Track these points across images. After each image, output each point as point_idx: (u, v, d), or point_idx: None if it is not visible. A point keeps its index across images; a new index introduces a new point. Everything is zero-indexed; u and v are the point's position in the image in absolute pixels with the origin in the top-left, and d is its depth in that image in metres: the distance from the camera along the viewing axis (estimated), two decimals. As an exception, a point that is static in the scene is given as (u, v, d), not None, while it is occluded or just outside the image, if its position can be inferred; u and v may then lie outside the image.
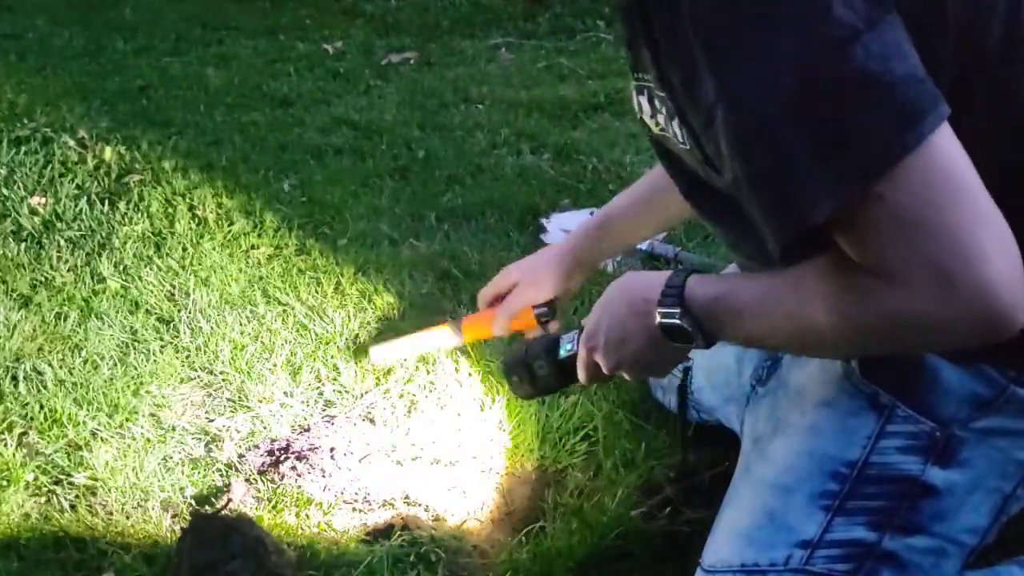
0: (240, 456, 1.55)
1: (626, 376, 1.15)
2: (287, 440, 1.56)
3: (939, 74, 0.84)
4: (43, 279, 2.06)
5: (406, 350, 1.68)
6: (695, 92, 0.86)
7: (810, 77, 0.80)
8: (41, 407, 1.64)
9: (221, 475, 1.52)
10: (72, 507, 1.43)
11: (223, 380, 1.74)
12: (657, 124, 1.04)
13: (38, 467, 1.51)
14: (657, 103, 1.01)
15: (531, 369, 1.28)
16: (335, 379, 1.73)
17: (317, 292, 2.02)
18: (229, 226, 2.31)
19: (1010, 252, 0.81)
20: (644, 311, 1.04)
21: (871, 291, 0.85)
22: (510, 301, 1.50)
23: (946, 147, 0.80)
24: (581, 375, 1.19)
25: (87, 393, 1.68)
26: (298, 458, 1.51)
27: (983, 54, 0.90)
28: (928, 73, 0.82)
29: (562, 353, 1.24)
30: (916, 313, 0.82)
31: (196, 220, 2.34)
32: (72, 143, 2.73)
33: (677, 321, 0.99)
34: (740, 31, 0.82)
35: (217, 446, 1.57)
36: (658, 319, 1.01)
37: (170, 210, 2.39)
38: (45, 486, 1.48)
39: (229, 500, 1.43)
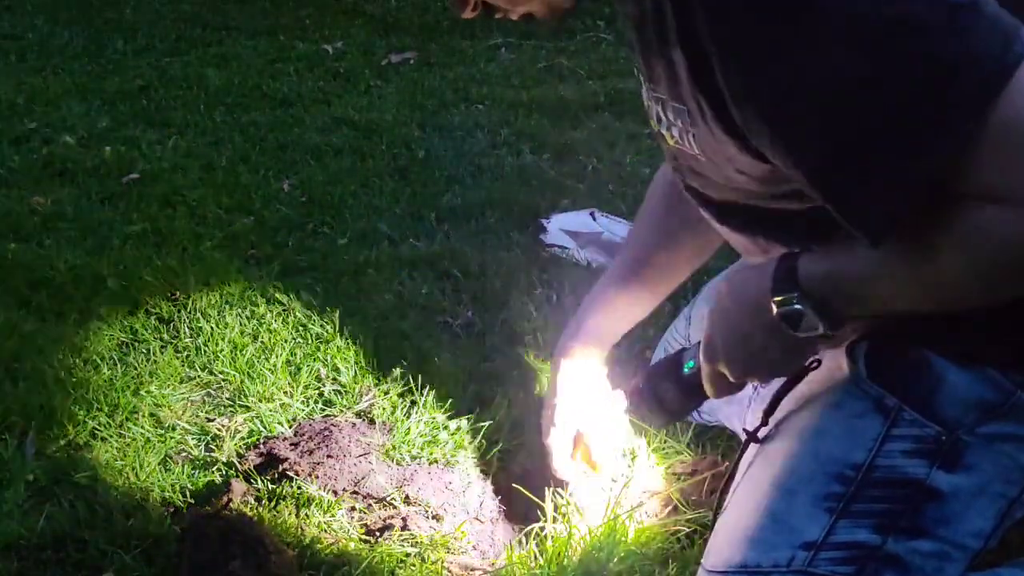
0: (240, 456, 1.55)
1: (756, 382, 1.11)
2: (287, 439, 1.56)
3: None
4: (43, 279, 2.06)
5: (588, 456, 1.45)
6: (751, 80, 0.85)
7: (901, 14, 0.79)
8: (41, 407, 1.63)
9: (221, 475, 1.52)
10: (72, 507, 1.43)
11: (223, 380, 1.74)
12: (672, 137, 1.03)
13: (38, 467, 1.51)
14: (672, 115, 1.00)
15: (658, 396, 1.23)
16: (335, 379, 1.73)
17: (317, 292, 2.02)
18: (229, 226, 2.31)
19: None
20: (759, 307, 0.99)
21: (992, 221, 0.83)
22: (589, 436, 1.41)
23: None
24: (709, 390, 1.14)
25: (87, 393, 1.68)
26: (298, 458, 1.50)
27: None
28: None
29: (685, 372, 1.19)
30: None
31: (196, 220, 2.34)
32: (72, 143, 2.73)
33: (797, 307, 0.96)
34: (805, 9, 0.80)
35: (217, 446, 1.57)
36: (776, 310, 0.97)
37: (170, 210, 2.39)
38: (45, 486, 1.48)
39: (229, 500, 1.43)
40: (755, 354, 1.04)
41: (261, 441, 1.58)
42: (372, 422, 1.62)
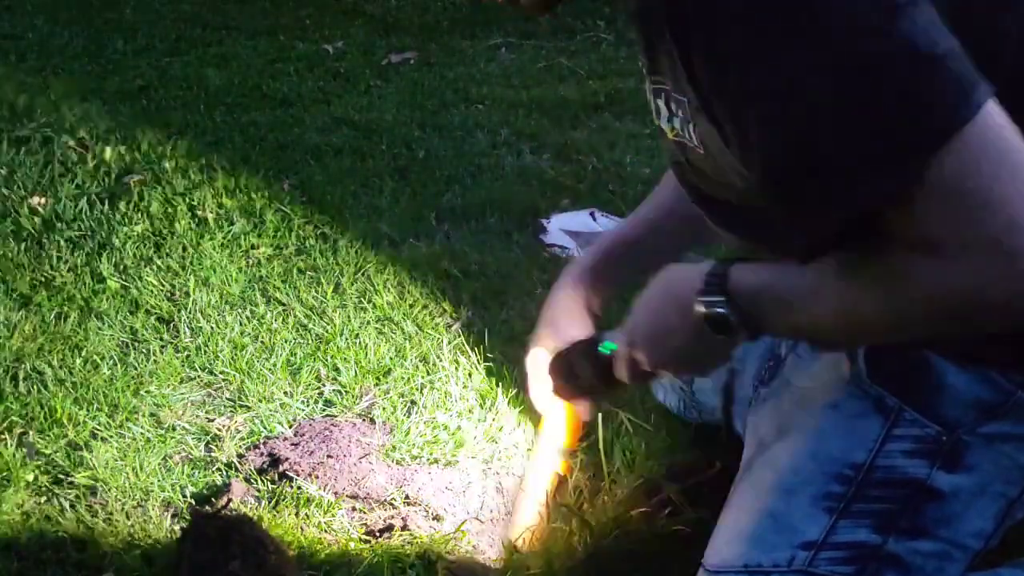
0: (240, 456, 1.55)
1: (670, 374, 1.12)
2: (287, 440, 1.56)
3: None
4: (43, 279, 2.06)
5: (530, 507, 1.43)
6: (729, 83, 0.85)
7: (861, 54, 0.79)
8: (41, 407, 1.64)
9: (221, 475, 1.52)
10: (72, 507, 1.43)
11: (223, 380, 1.74)
12: (673, 129, 1.03)
13: (38, 467, 1.51)
14: (674, 106, 1.00)
15: (574, 370, 1.23)
16: (335, 379, 1.73)
17: (317, 292, 2.02)
18: (229, 226, 2.31)
19: None
20: (686, 303, 1.00)
21: (920, 269, 0.84)
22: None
23: (997, 118, 0.80)
24: (620, 373, 1.15)
25: (87, 393, 1.68)
26: (298, 458, 1.50)
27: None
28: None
29: (602, 351, 1.18)
30: (967, 287, 0.81)
31: (196, 220, 2.34)
32: (72, 143, 2.73)
33: (721, 311, 0.97)
34: (786, 15, 0.80)
35: (217, 446, 1.57)
36: (702, 309, 0.98)
37: (170, 210, 2.39)
38: (45, 486, 1.48)
39: (229, 500, 1.43)
40: (674, 347, 1.06)
41: (261, 441, 1.58)
42: (372, 422, 1.62)
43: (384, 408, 1.65)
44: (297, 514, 1.42)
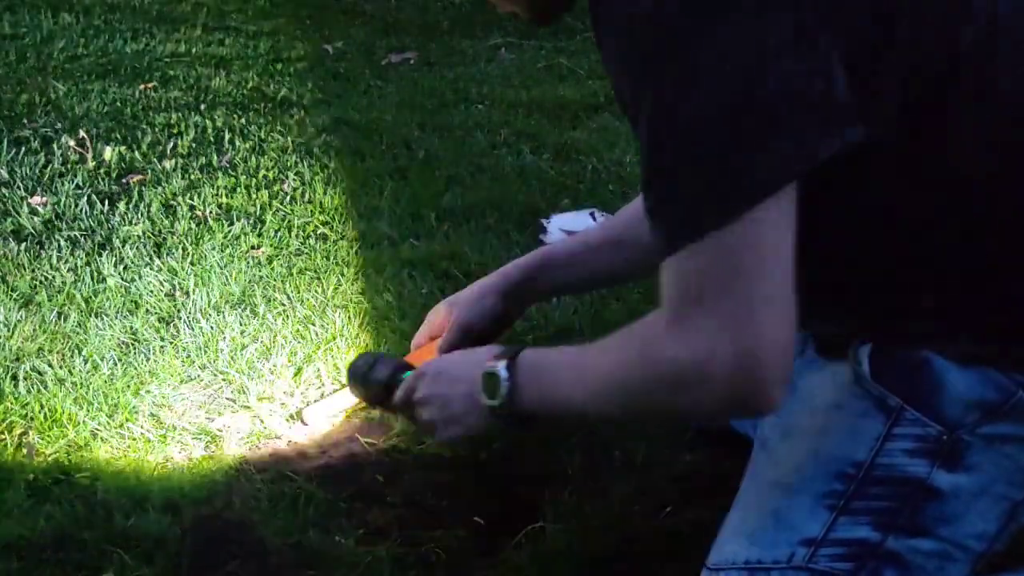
0: (240, 456, 1.55)
1: (423, 416, 1.19)
2: (287, 439, 1.56)
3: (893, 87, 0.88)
4: (43, 279, 2.06)
5: (342, 402, 1.63)
6: (623, 94, 0.92)
7: (739, 97, 0.84)
8: (41, 407, 1.64)
9: (221, 475, 1.52)
10: (72, 507, 1.43)
11: (223, 380, 1.74)
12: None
13: (38, 467, 1.51)
14: None
15: (368, 377, 1.31)
16: (336, 379, 1.73)
17: (317, 292, 2.02)
18: (229, 226, 2.31)
19: (787, 335, 0.89)
20: (481, 360, 1.11)
21: (656, 337, 0.92)
22: (449, 339, 1.47)
23: (771, 217, 0.86)
24: (397, 396, 1.24)
25: (87, 393, 1.68)
26: (298, 458, 1.51)
27: (957, 58, 0.92)
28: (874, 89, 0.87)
29: (399, 378, 1.26)
30: (683, 363, 0.90)
31: (196, 220, 2.34)
32: (72, 143, 2.73)
33: (497, 366, 1.07)
34: (669, 43, 0.85)
35: (217, 446, 1.57)
36: (487, 365, 1.08)
37: (170, 210, 2.39)
38: (45, 486, 1.48)
39: (229, 500, 1.43)
40: (446, 392, 1.16)
41: (261, 441, 1.58)
42: (372, 422, 1.62)
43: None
44: (297, 514, 1.42)
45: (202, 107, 3.19)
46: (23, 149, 2.72)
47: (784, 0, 0.83)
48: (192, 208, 2.40)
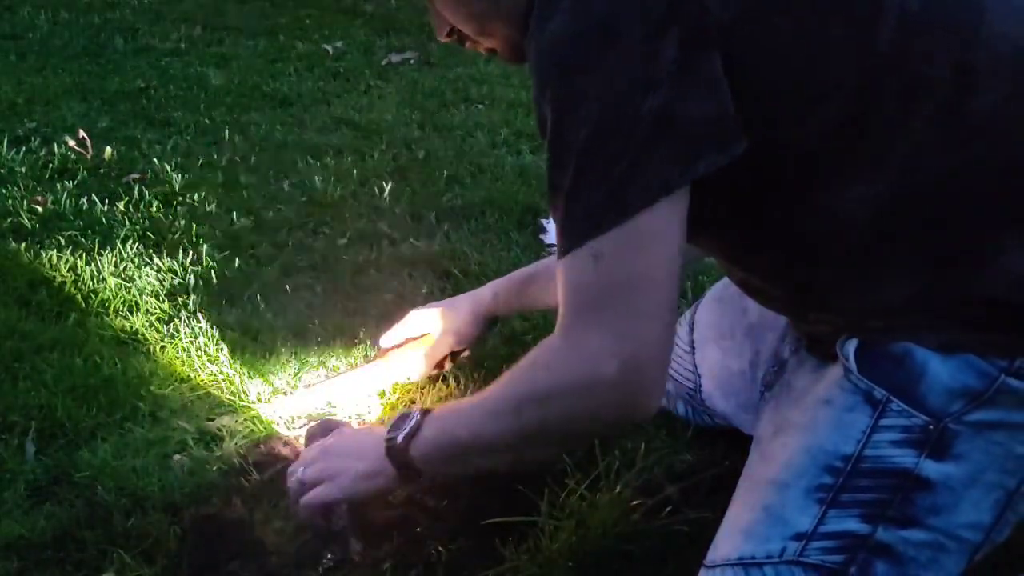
0: (240, 456, 1.55)
1: (307, 473, 1.27)
2: (287, 439, 1.56)
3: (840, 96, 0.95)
4: (43, 279, 2.06)
5: (322, 397, 1.66)
6: (541, 114, 1.01)
7: (597, 121, 0.93)
8: (41, 407, 1.63)
9: (221, 475, 1.51)
10: (72, 507, 1.43)
11: (223, 380, 1.74)
12: None
13: (38, 467, 1.51)
14: None
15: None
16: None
17: (317, 292, 2.02)
18: (229, 226, 2.31)
19: (665, 348, 0.98)
20: (380, 433, 1.20)
21: (550, 348, 1.00)
22: (434, 349, 1.64)
23: (654, 230, 0.93)
24: (305, 455, 1.32)
25: (87, 393, 1.68)
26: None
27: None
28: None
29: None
30: (575, 367, 0.97)
31: (196, 220, 2.34)
32: (72, 143, 2.73)
33: (412, 411, 1.16)
34: (574, 62, 0.94)
35: (217, 446, 1.57)
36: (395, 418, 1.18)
37: (170, 210, 2.39)
38: (45, 486, 1.48)
39: (229, 500, 1.43)
40: (343, 444, 1.27)
41: (261, 441, 1.58)
42: (372, 422, 1.62)
43: (384, 408, 1.65)
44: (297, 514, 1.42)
45: (202, 106, 3.19)
46: (23, 149, 2.72)
47: (667, 27, 0.90)
48: (192, 208, 2.40)
